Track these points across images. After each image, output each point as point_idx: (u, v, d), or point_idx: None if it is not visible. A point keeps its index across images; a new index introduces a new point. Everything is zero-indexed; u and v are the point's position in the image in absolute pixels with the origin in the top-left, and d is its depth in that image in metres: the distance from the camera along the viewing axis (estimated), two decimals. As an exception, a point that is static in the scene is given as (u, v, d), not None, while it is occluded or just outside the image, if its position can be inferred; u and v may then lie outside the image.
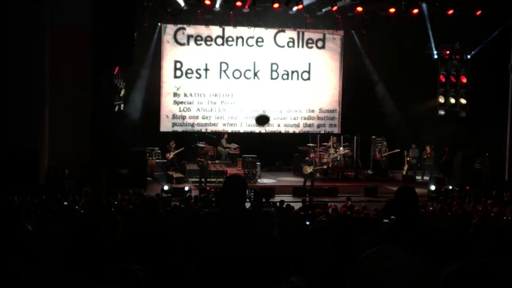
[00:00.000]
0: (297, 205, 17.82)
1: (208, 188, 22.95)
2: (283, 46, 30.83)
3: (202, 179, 25.27)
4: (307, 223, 12.46)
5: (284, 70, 30.77)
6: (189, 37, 30.03)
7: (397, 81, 29.77)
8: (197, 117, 30.07)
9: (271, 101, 30.74)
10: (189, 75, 30.06)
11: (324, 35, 31.12)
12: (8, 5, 20.15)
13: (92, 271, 6.86)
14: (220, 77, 30.36)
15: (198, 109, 30.14)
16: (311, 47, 31.04)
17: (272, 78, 30.73)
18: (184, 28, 29.84)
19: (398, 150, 28.77)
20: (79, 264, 7.00)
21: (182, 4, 27.63)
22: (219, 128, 29.67)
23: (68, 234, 7.98)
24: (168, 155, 27.48)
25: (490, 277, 2.61)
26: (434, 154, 27.93)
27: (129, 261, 6.07)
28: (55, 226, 8.95)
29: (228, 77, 30.41)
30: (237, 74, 30.39)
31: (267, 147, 29.09)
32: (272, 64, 30.71)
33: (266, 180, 26.95)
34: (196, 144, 27.96)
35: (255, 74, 30.56)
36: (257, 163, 26.80)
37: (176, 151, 27.57)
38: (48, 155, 21.26)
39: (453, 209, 16.46)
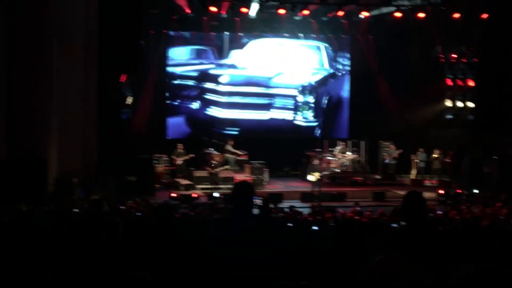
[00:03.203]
0: (306, 211, 17.80)
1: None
2: (290, 51, 30.84)
3: (213, 186, 25.25)
4: (315, 228, 12.41)
5: (292, 76, 30.78)
6: (195, 43, 30.10)
7: (404, 86, 29.75)
8: (204, 124, 30.09)
9: (278, 106, 30.75)
10: (195, 82, 30.11)
11: (330, 40, 31.15)
12: (14, 13, 20.20)
13: (98, 276, 6.87)
14: (226, 83, 30.38)
15: (204, 115, 30.18)
16: (319, 53, 31.05)
17: (278, 83, 30.72)
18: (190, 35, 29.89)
19: (401, 150, 28.75)
20: (84, 269, 7.00)
21: (188, 11, 27.72)
22: (226, 134, 29.68)
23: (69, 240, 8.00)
24: (175, 160, 27.38)
25: (499, 283, 2.60)
26: (442, 158, 27.86)
27: (139, 266, 6.07)
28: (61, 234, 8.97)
29: (234, 84, 30.44)
30: (242, 80, 30.43)
31: (275, 153, 29.05)
32: (279, 69, 30.71)
33: (274, 186, 26.91)
34: (204, 151, 27.94)
35: (261, 79, 30.57)
36: (265, 169, 26.78)
37: (185, 157, 27.45)
38: (56, 163, 21.30)
39: (462, 213, 16.41)
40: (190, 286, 6.15)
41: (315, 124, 30.78)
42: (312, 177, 24.41)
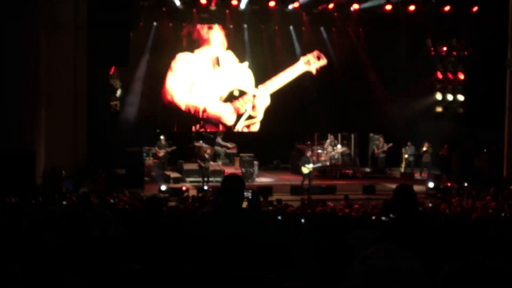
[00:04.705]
0: (295, 204, 17.76)
1: (206, 187, 22.88)
2: (280, 43, 30.81)
3: (205, 179, 25.11)
4: (302, 221, 12.36)
5: (282, 69, 30.77)
6: (184, 36, 29.97)
7: (394, 79, 29.73)
8: (194, 116, 30.05)
9: (268, 99, 30.77)
10: (185, 75, 30.05)
11: (320, 34, 31.08)
12: (2, 6, 20.06)
13: (90, 271, 6.81)
14: (215, 76, 30.35)
15: (194, 108, 30.13)
16: (309, 45, 31.01)
17: (268, 76, 30.71)
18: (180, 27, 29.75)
19: (391, 144, 28.74)
20: (74, 265, 6.95)
21: (178, 3, 27.61)
22: (216, 126, 29.66)
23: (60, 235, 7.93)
24: (158, 152, 27.23)
25: (487, 276, 2.57)
26: (431, 151, 27.89)
27: (131, 260, 6.03)
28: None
29: (223, 75, 30.43)
30: (231, 71, 30.42)
31: (264, 146, 29.02)
32: (268, 62, 30.68)
33: (263, 179, 26.87)
34: (193, 143, 27.86)
35: (250, 70, 30.56)
36: (255, 162, 26.71)
37: (168, 149, 27.36)
38: (45, 156, 21.19)
39: (452, 206, 16.42)
40: (181, 279, 6.11)
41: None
42: (306, 170, 24.33)
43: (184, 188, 22.42)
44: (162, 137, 27.48)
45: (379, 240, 5.39)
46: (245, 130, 30.85)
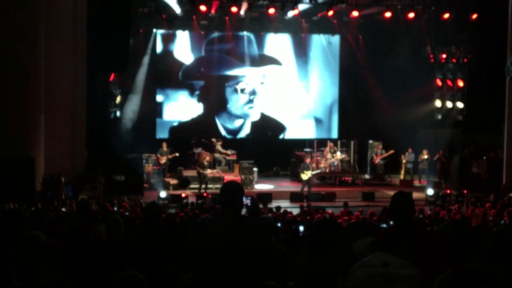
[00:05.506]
0: (295, 211, 17.76)
1: (205, 194, 22.86)
2: (279, 52, 30.82)
3: (202, 186, 25.08)
4: (301, 228, 12.31)
5: (280, 76, 30.78)
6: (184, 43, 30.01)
7: (393, 86, 29.69)
8: (192, 123, 30.05)
9: (268, 107, 30.78)
10: (185, 82, 30.06)
11: (320, 40, 31.10)
12: (1, 11, 20.08)
13: (89, 279, 6.81)
14: (216, 82, 30.38)
15: (193, 115, 30.15)
16: (308, 52, 31.03)
17: (268, 84, 30.74)
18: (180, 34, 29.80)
19: (393, 151, 28.67)
20: (75, 273, 6.95)
21: (177, 10, 27.63)
22: (215, 134, 29.66)
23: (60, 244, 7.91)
24: (160, 159, 27.18)
25: (484, 283, 2.57)
26: (430, 158, 27.87)
27: (130, 267, 6.02)
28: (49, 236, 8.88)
29: (223, 82, 30.45)
30: (232, 79, 30.42)
31: (264, 153, 28.99)
32: (266, 69, 30.71)
33: (263, 186, 26.85)
34: (192, 150, 27.83)
35: (251, 80, 30.58)
36: (254, 169, 26.69)
37: (170, 156, 27.34)
38: (44, 162, 21.17)
39: (452, 213, 16.41)
40: (180, 286, 6.11)
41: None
42: (305, 176, 24.30)
43: (183, 195, 22.41)
44: (163, 144, 27.47)
45: (378, 247, 5.40)
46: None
